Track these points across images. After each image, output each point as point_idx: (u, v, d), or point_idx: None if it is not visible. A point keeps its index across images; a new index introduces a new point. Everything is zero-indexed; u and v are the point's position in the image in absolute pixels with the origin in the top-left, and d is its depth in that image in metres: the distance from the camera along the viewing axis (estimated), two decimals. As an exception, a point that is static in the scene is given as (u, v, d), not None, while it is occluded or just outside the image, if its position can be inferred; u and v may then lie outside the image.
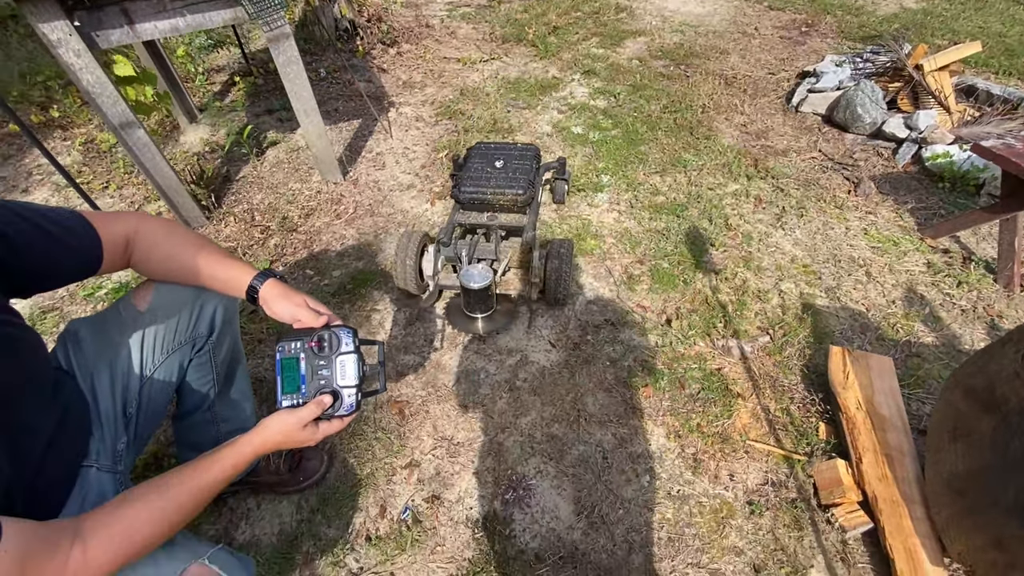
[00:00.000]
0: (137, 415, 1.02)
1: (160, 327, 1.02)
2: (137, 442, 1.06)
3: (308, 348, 0.92)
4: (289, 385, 0.91)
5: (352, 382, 0.91)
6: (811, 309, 1.88)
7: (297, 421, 0.87)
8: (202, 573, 0.86)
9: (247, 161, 2.57)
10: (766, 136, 2.79)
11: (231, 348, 1.19)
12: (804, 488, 1.43)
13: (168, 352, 1.05)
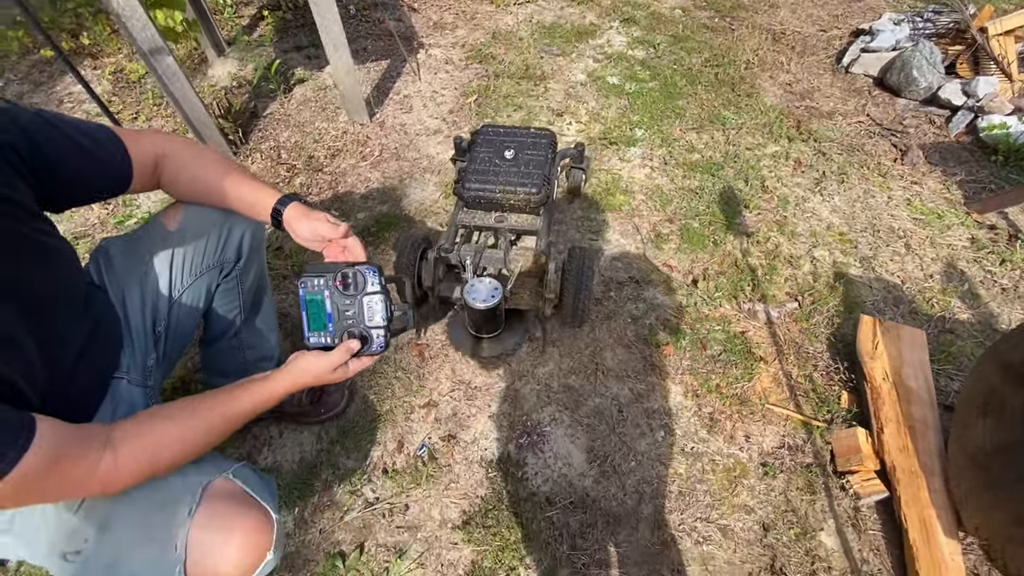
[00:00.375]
0: (166, 334, 1.04)
1: (189, 248, 1.03)
2: (166, 361, 1.09)
3: (333, 286, 0.90)
4: (315, 323, 0.91)
5: (380, 323, 0.91)
6: (844, 278, 1.82)
7: (328, 364, 0.88)
8: (226, 486, 0.89)
9: (274, 98, 2.54)
10: (811, 97, 2.64)
11: (257, 276, 1.20)
12: (821, 454, 1.42)
13: (196, 274, 1.06)
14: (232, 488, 0.89)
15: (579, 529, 1.29)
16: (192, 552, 0.82)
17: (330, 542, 1.26)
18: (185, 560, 0.81)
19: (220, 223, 1.05)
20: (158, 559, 0.82)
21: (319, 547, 1.25)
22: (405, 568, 1.22)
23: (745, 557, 1.26)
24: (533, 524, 1.29)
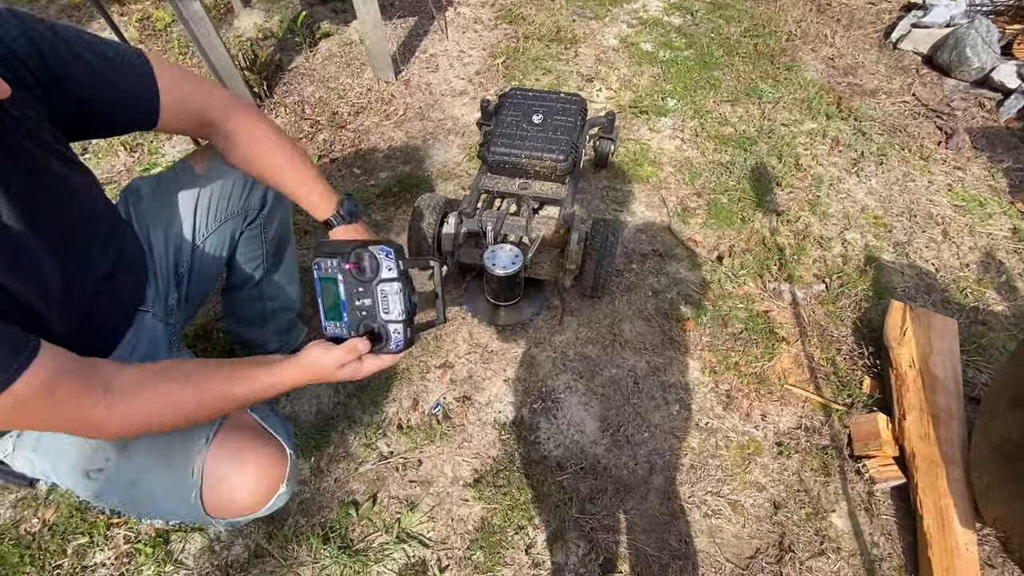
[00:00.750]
0: (188, 275, 1.05)
1: (215, 193, 1.02)
2: (188, 305, 1.10)
3: (345, 270, 0.79)
4: (331, 311, 0.82)
5: (398, 316, 0.78)
6: (875, 262, 1.76)
7: (333, 362, 0.78)
8: (243, 419, 0.90)
9: (300, 51, 2.50)
10: (855, 73, 2.52)
11: (281, 226, 1.19)
12: (838, 437, 1.40)
13: (220, 220, 1.05)
14: (249, 421, 0.91)
15: (589, 494, 1.30)
16: (208, 478, 0.84)
17: (344, 491, 1.29)
18: (201, 485, 0.84)
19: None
20: (176, 482, 0.84)
21: (334, 495, 1.28)
22: (416, 520, 1.25)
23: (754, 533, 1.26)
24: (543, 487, 1.30)
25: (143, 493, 0.86)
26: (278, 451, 0.89)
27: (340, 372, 0.80)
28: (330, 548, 1.19)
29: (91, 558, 1.18)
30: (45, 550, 1.18)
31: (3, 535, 1.20)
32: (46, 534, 1.20)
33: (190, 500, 0.84)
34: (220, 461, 0.85)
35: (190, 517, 0.90)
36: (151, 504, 0.90)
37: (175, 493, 0.85)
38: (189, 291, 1.07)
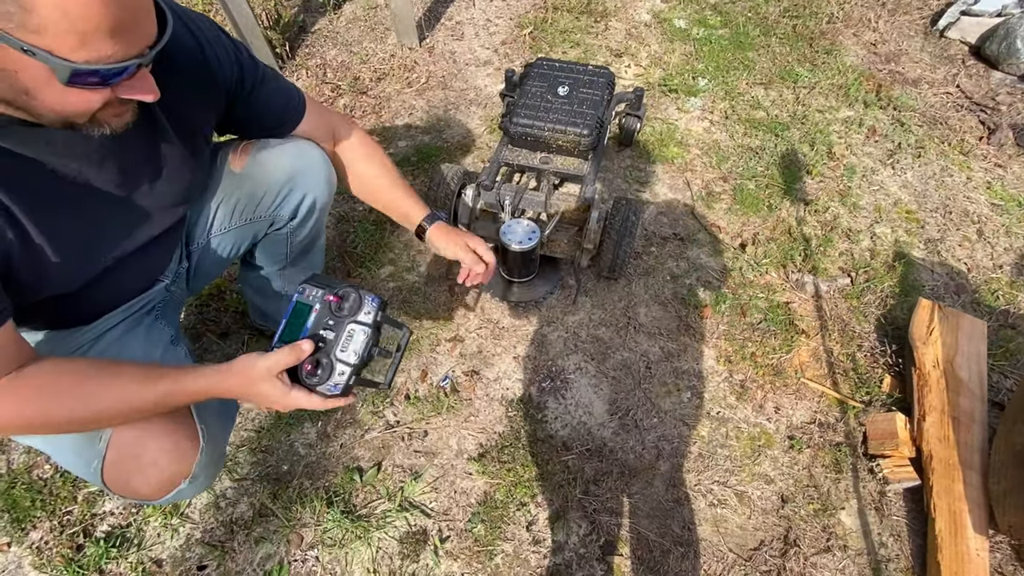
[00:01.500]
0: (200, 256, 1.04)
1: (244, 195, 1.00)
2: (196, 279, 1.09)
3: (326, 301, 0.78)
4: (289, 332, 0.78)
5: (351, 359, 0.76)
6: (904, 259, 1.70)
7: (266, 370, 0.72)
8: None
9: (323, 13, 2.45)
10: (897, 60, 2.41)
11: (312, 232, 1.14)
12: (853, 435, 1.37)
13: (245, 221, 1.03)
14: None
15: (593, 476, 1.29)
16: (112, 450, 0.79)
17: (349, 456, 1.29)
18: (104, 456, 0.80)
19: (283, 182, 0.99)
20: (84, 445, 0.80)
21: (339, 460, 1.28)
22: (419, 490, 1.25)
23: (759, 525, 1.24)
24: (548, 465, 1.29)
25: (53, 444, 0.83)
26: (191, 442, 0.83)
27: (266, 387, 0.72)
28: (333, 512, 1.19)
29: (100, 506, 1.20)
30: (56, 496, 1.21)
31: (16, 480, 1.23)
32: (58, 480, 1.22)
33: (91, 467, 0.81)
34: (127, 435, 0.79)
35: (92, 483, 0.86)
36: (62, 457, 0.85)
37: (81, 455, 0.81)
38: (199, 268, 1.06)
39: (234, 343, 1.44)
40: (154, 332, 0.96)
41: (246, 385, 0.73)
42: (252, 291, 1.32)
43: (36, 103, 0.55)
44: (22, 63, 0.50)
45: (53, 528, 1.17)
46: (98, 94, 0.57)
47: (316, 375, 0.75)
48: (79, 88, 0.54)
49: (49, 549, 1.15)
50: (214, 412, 0.91)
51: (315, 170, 1.01)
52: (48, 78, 0.52)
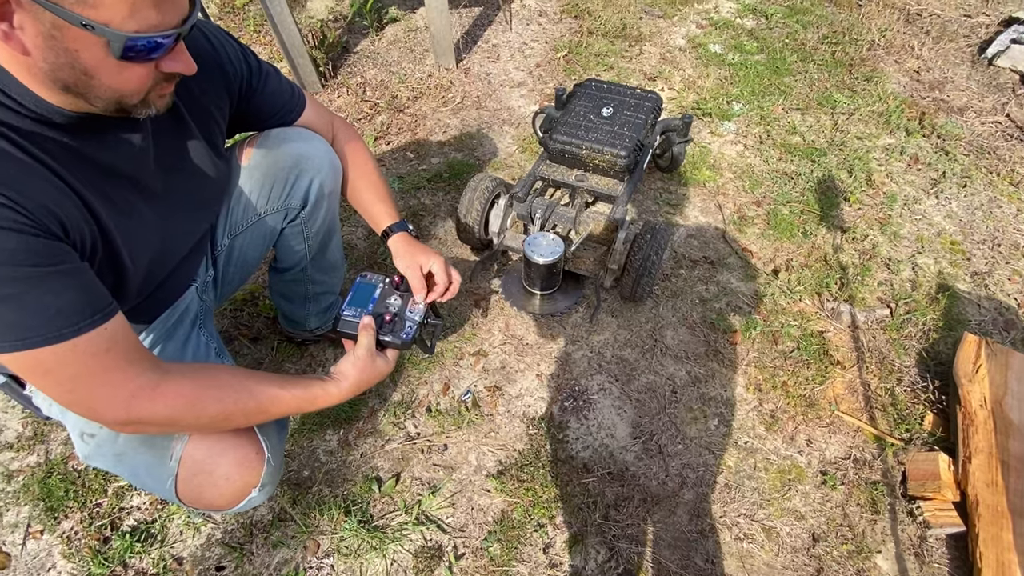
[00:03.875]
0: (227, 259, 1.08)
1: (254, 186, 1.03)
2: (224, 286, 1.13)
3: (388, 282, 0.97)
4: (357, 299, 0.94)
5: (416, 317, 0.94)
6: (948, 291, 1.63)
7: (367, 354, 0.85)
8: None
9: (366, 35, 2.54)
10: (942, 88, 2.35)
11: (326, 221, 1.16)
12: (891, 473, 1.30)
13: (260, 214, 1.06)
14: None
15: (614, 501, 1.25)
16: (183, 468, 0.84)
17: (369, 466, 1.29)
18: (177, 473, 0.84)
19: (288, 168, 1.02)
20: (155, 464, 0.84)
21: (359, 469, 1.29)
22: (436, 504, 1.24)
23: (788, 563, 1.19)
24: (568, 487, 1.27)
25: (127, 467, 0.87)
26: (257, 455, 0.87)
27: (375, 367, 0.85)
28: (350, 521, 1.19)
29: (128, 500, 1.23)
30: (88, 488, 1.24)
31: (52, 469, 1.27)
32: (90, 473, 1.26)
33: (165, 485, 0.85)
34: (198, 452, 0.84)
35: (168, 500, 0.91)
36: (135, 478, 0.90)
37: (154, 475, 0.85)
38: (224, 273, 1.10)
39: (264, 348, 1.48)
40: (199, 347, 0.99)
41: (370, 372, 0.85)
42: (279, 297, 1.35)
43: (95, 83, 0.59)
44: (82, 40, 0.55)
45: (83, 519, 1.20)
46: (146, 68, 0.61)
47: (392, 325, 0.92)
48: (131, 63, 0.59)
49: (78, 539, 1.18)
50: (271, 424, 0.94)
51: (319, 154, 1.03)
52: (104, 55, 0.57)
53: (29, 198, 0.59)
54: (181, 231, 0.88)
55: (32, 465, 1.28)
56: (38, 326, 0.60)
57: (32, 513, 1.22)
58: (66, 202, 0.64)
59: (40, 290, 0.59)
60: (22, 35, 0.53)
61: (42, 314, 0.59)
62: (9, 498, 1.24)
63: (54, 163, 0.63)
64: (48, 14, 0.52)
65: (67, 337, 0.61)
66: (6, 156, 0.59)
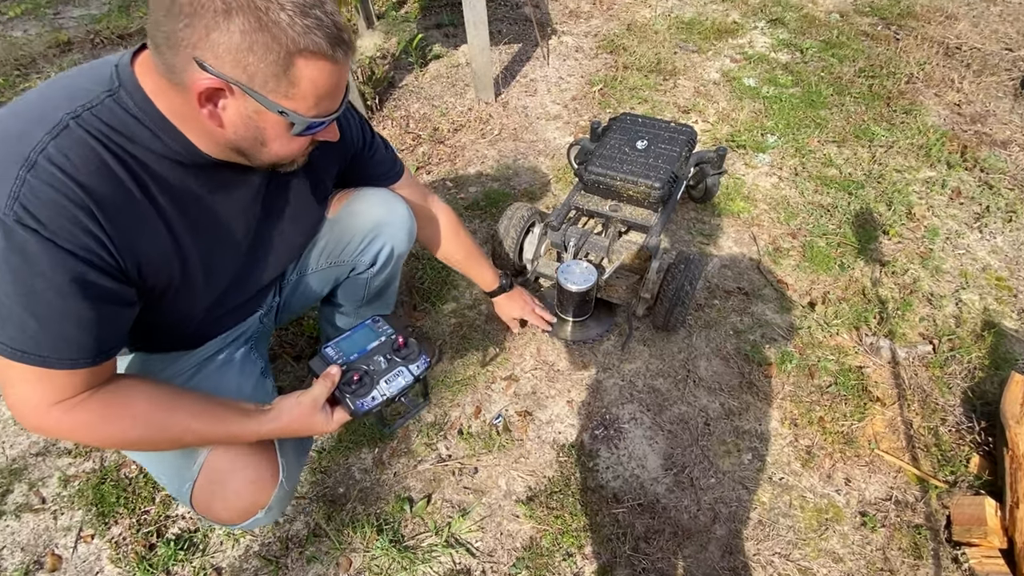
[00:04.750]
0: (291, 291, 1.15)
1: (332, 238, 1.11)
2: (282, 314, 1.20)
3: (391, 339, 0.91)
4: (348, 345, 0.89)
5: (388, 392, 0.86)
6: (994, 329, 1.58)
7: (311, 403, 0.81)
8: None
9: (411, 70, 2.68)
10: (984, 121, 2.31)
11: (389, 276, 1.25)
12: (935, 517, 1.25)
13: (329, 264, 1.14)
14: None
15: (644, 533, 1.24)
16: (203, 474, 0.88)
17: (402, 486, 1.32)
18: (196, 479, 0.88)
19: (367, 230, 1.10)
20: (182, 466, 0.89)
21: (391, 488, 1.32)
22: (466, 527, 1.25)
23: (825, 606, 1.15)
24: (597, 516, 1.27)
25: (155, 465, 0.92)
26: (271, 476, 0.90)
27: (318, 417, 0.81)
28: (382, 540, 1.22)
29: (174, 509, 1.29)
30: (138, 495, 1.31)
31: (106, 476, 1.34)
32: (140, 481, 1.33)
33: (184, 487, 0.89)
34: (219, 463, 0.88)
35: (181, 502, 0.94)
36: (162, 475, 0.95)
37: (179, 475, 0.89)
38: (286, 304, 1.17)
39: (305, 366, 1.54)
40: (248, 364, 1.06)
41: (303, 422, 0.82)
42: (327, 323, 1.42)
43: (265, 150, 0.71)
44: (272, 121, 0.67)
45: (132, 525, 1.26)
46: (308, 139, 0.73)
47: (355, 385, 0.84)
48: (300, 137, 0.70)
49: (126, 545, 1.24)
50: (292, 448, 0.98)
51: (399, 222, 1.12)
52: (284, 132, 0.69)
53: (124, 241, 0.67)
54: (263, 268, 0.95)
55: (87, 471, 1.36)
56: (45, 347, 0.64)
57: (84, 517, 1.28)
58: (159, 242, 0.72)
59: (71, 318, 0.64)
60: (223, 114, 0.65)
61: (59, 339, 0.65)
62: (64, 502, 1.31)
63: (167, 204, 0.72)
64: (253, 102, 0.63)
65: (50, 365, 0.65)
66: (128, 198, 0.67)
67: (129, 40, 3.00)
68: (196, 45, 0.58)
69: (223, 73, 0.60)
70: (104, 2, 3.41)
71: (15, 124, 0.62)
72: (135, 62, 0.67)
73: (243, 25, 0.57)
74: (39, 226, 0.59)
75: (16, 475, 1.35)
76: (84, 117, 0.63)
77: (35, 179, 0.59)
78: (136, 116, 0.66)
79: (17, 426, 1.44)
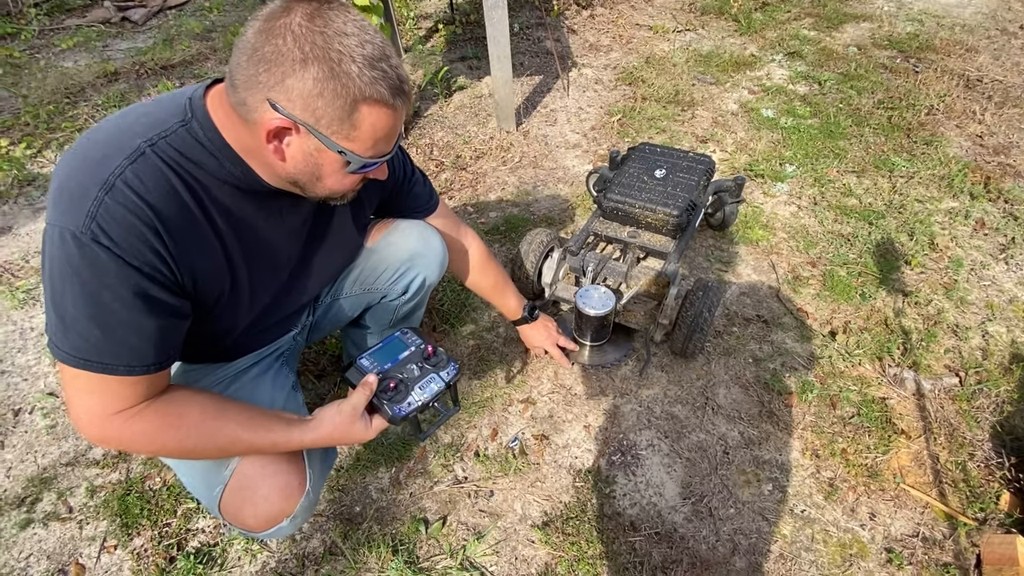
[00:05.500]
0: (323, 313, 1.19)
1: (370, 267, 1.16)
2: (313, 333, 1.25)
3: (422, 349, 0.96)
4: (382, 355, 0.94)
5: (422, 397, 0.90)
6: (1023, 362, 1.54)
7: (351, 411, 0.84)
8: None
9: (436, 101, 2.77)
10: (1007, 152, 2.30)
11: (416, 306, 1.30)
12: (964, 556, 1.21)
13: (363, 290, 1.19)
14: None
15: (661, 563, 1.22)
16: (235, 479, 0.90)
17: (417, 507, 1.33)
18: (227, 483, 0.90)
19: (402, 261, 1.16)
20: (213, 470, 0.91)
21: (407, 509, 1.32)
22: (481, 551, 1.25)
23: (850, 646, 1.11)
24: (613, 544, 1.25)
25: (186, 470, 0.95)
26: (299, 484, 0.92)
27: (358, 426, 0.85)
28: (397, 561, 1.22)
29: (195, 522, 1.31)
30: (160, 508, 1.34)
31: (132, 487, 1.38)
32: (164, 493, 1.36)
33: (214, 492, 0.91)
34: (249, 469, 0.90)
35: (209, 508, 0.95)
36: (191, 478, 0.97)
37: (208, 479, 0.92)
38: (318, 323, 1.22)
39: (327, 384, 1.57)
40: (280, 377, 1.09)
41: (344, 430, 0.85)
42: (351, 343, 1.45)
43: (320, 184, 0.76)
44: (330, 158, 0.72)
45: (153, 537, 1.29)
46: (359, 177, 0.78)
47: (392, 393, 0.89)
48: (354, 174, 0.76)
49: (147, 557, 1.26)
50: (319, 458, 1.00)
51: (433, 255, 1.17)
52: (340, 169, 0.74)
53: (184, 258, 0.72)
54: (302, 290, 1.00)
55: (114, 482, 1.39)
56: (107, 354, 0.68)
57: (109, 528, 1.31)
58: (214, 259, 0.77)
59: (133, 329, 0.69)
60: (286, 149, 0.70)
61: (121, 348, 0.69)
62: (90, 512, 1.34)
63: (224, 225, 0.77)
64: (316, 140, 0.69)
65: (111, 371, 0.69)
66: (191, 219, 0.73)
67: (172, 71, 3.17)
68: (272, 88, 0.64)
69: (293, 114, 0.65)
70: (150, 36, 3.62)
71: (96, 150, 0.68)
72: (207, 95, 0.73)
73: (317, 74, 0.63)
74: (111, 244, 0.65)
75: (46, 484, 1.39)
76: (159, 145, 0.69)
77: (111, 200, 0.65)
78: (204, 144, 0.72)
79: (49, 435, 1.49)
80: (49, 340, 0.70)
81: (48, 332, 0.71)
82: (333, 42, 0.63)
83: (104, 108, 2.85)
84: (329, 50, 0.63)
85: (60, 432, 1.50)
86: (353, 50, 0.64)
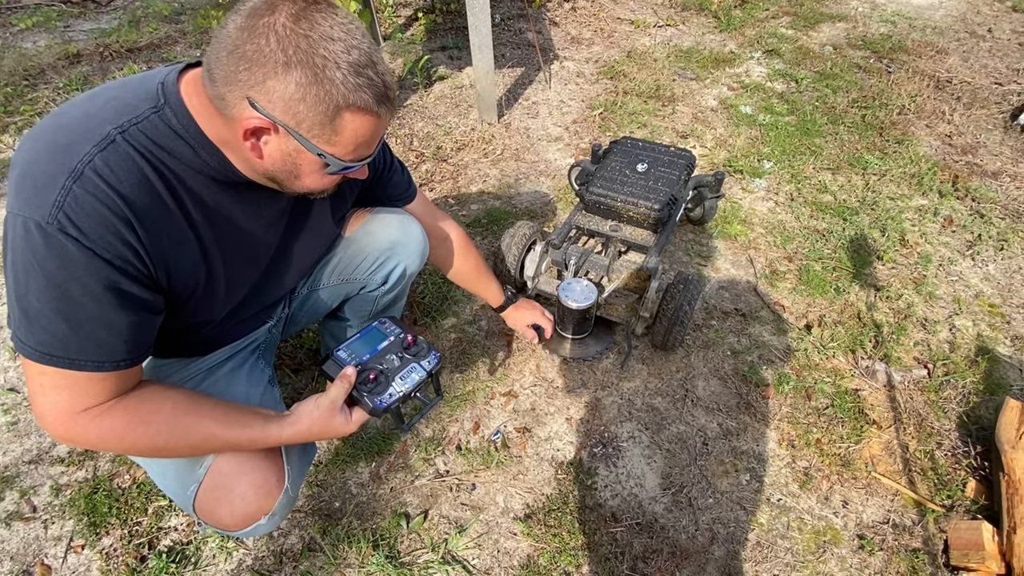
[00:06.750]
0: (300, 305, 1.16)
1: (348, 256, 1.13)
2: (290, 326, 1.21)
3: (401, 338, 0.93)
4: (359, 347, 0.91)
5: (403, 388, 0.88)
6: (988, 354, 1.60)
7: (330, 405, 0.82)
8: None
9: (416, 91, 2.73)
10: (974, 152, 2.37)
11: (396, 298, 1.28)
12: (932, 541, 1.25)
13: (341, 280, 1.16)
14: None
15: (642, 552, 1.24)
16: (209, 477, 0.87)
17: (398, 501, 1.31)
18: (202, 482, 0.87)
19: (382, 251, 1.13)
20: (186, 469, 0.88)
21: (388, 503, 1.31)
22: (463, 544, 1.24)
23: (824, 630, 1.14)
24: (595, 535, 1.26)
25: (158, 469, 0.91)
26: (277, 482, 0.89)
27: (338, 420, 0.82)
28: (378, 556, 1.20)
29: (167, 520, 1.28)
30: (130, 506, 1.29)
31: (99, 485, 1.33)
32: (134, 491, 1.32)
33: (187, 491, 0.88)
34: (224, 467, 0.87)
35: (183, 507, 0.93)
36: (163, 477, 0.93)
37: (181, 479, 0.88)
38: (294, 315, 1.19)
39: (305, 378, 1.54)
40: (256, 372, 1.06)
41: (323, 425, 0.83)
42: (329, 336, 1.42)
43: (298, 183, 0.75)
44: (309, 159, 0.70)
45: (123, 536, 1.24)
46: (338, 176, 0.76)
47: (372, 384, 0.86)
48: (332, 174, 0.74)
49: (116, 556, 1.22)
50: (297, 455, 0.98)
51: (413, 244, 1.14)
52: (319, 169, 0.72)
53: (157, 251, 0.69)
54: (279, 282, 0.97)
55: (80, 480, 1.34)
56: (74, 349, 0.65)
57: (76, 527, 1.27)
58: (189, 252, 0.74)
59: (103, 323, 0.66)
60: (264, 147, 0.68)
61: (88, 343, 0.66)
62: (56, 511, 1.29)
63: (199, 216, 0.74)
64: (295, 141, 0.67)
65: (78, 367, 0.66)
66: (165, 210, 0.70)
67: (138, 54, 3.06)
68: (252, 87, 0.62)
69: (273, 115, 0.63)
70: (114, 17, 3.48)
71: (62, 136, 0.64)
72: (180, 80, 0.70)
73: (300, 78, 0.61)
74: (80, 235, 0.61)
75: (8, 483, 1.33)
76: (130, 132, 0.66)
77: (80, 189, 0.61)
78: (178, 133, 0.69)
79: (10, 432, 1.43)
80: (12, 334, 0.67)
81: (11, 326, 0.67)
82: (318, 47, 0.61)
83: (66, 91, 2.73)
84: (313, 55, 0.61)
85: (22, 429, 1.44)
86: (339, 56, 0.62)
